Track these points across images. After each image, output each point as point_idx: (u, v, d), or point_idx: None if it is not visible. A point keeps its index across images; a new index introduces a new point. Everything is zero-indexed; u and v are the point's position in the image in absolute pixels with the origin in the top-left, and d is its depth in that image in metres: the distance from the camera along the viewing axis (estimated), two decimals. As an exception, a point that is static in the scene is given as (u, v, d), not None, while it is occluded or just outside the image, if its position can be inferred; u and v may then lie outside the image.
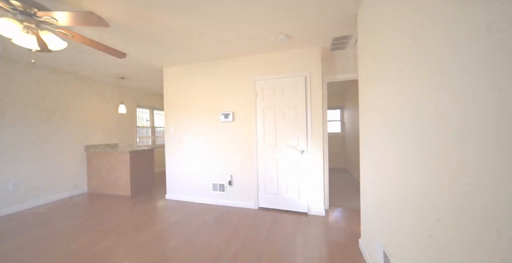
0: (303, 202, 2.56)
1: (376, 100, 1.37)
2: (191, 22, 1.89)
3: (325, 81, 2.69)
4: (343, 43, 2.40)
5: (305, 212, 2.57)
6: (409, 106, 0.94)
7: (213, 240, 1.97)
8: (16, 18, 1.27)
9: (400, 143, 1.04)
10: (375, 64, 1.36)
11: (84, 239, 2.03)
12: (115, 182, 3.47)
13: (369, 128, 1.54)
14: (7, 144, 2.72)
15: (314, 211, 2.52)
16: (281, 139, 2.65)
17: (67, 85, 3.41)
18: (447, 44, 0.67)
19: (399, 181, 1.05)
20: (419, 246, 0.87)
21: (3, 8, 1.23)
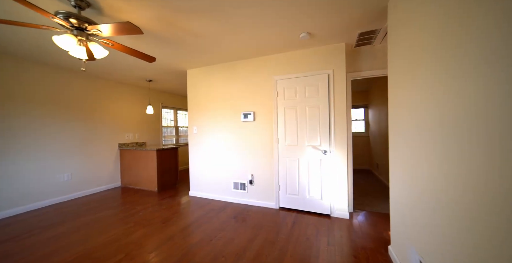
0: (325, 204, 2.49)
1: (410, 99, 1.27)
2: (215, 26, 1.95)
3: (349, 79, 2.58)
4: (370, 38, 2.27)
5: (328, 214, 2.49)
6: (446, 106, 0.86)
7: (235, 238, 2.01)
8: (73, 34, 1.44)
9: (436, 144, 0.95)
10: (409, 60, 1.26)
11: (120, 228, 2.22)
12: (144, 178, 3.72)
13: (400, 129, 1.44)
14: (62, 143, 3.11)
15: (337, 213, 2.44)
16: (303, 139, 2.60)
17: (103, 89, 3.74)
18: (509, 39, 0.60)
19: (436, 184, 0.97)
20: (462, 258, 0.79)
21: (64, 26, 1.41)
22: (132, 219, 2.46)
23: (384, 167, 3.89)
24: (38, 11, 1.26)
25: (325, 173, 2.49)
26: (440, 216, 0.96)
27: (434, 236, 1.03)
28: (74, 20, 1.40)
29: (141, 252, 1.78)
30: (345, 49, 2.39)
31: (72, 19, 1.39)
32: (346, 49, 2.47)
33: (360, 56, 2.56)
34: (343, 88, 2.38)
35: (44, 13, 1.26)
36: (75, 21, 1.41)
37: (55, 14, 1.37)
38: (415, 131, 1.22)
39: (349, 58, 2.60)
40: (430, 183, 1.05)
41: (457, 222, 0.83)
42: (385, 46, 2.44)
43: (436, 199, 0.99)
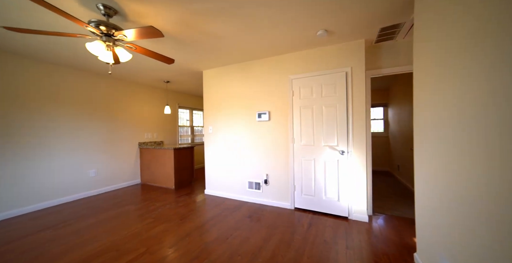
0: (343, 206, 2.42)
1: (439, 97, 1.19)
2: (231, 27, 1.97)
3: (369, 77, 2.47)
4: (392, 33, 2.16)
5: (345, 216, 2.42)
6: (478, 106, 0.79)
7: (250, 237, 2.02)
8: (102, 40, 1.54)
9: (466, 144, 0.88)
10: (439, 56, 1.18)
11: (141, 223, 2.33)
12: (162, 176, 3.87)
13: (427, 129, 1.35)
14: (90, 141, 3.34)
15: (355, 216, 2.35)
16: (319, 139, 2.54)
17: (124, 91, 3.95)
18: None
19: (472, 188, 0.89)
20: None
21: (95, 34, 1.51)
22: (152, 215, 2.57)
23: (406, 169, 3.69)
24: (76, 22, 1.37)
25: (343, 174, 2.42)
26: (475, 222, 0.89)
27: (467, 243, 0.95)
28: (104, 27, 1.50)
29: (161, 247, 1.85)
30: (365, 45, 2.30)
31: (101, 27, 1.49)
32: (365, 45, 2.37)
33: (380, 52, 2.45)
34: (362, 86, 2.29)
35: (80, 22, 1.37)
36: (104, 28, 1.50)
37: (88, 23, 1.47)
38: (446, 132, 1.13)
39: (369, 55, 2.50)
40: (465, 186, 0.97)
41: (495, 228, 0.76)
42: (409, 40, 2.31)
43: (471, 204, 0.92)
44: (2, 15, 1.73)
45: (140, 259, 1.68)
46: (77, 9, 1.62)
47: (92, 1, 1.53)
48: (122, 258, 1.69)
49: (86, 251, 1.80)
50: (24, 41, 2.23)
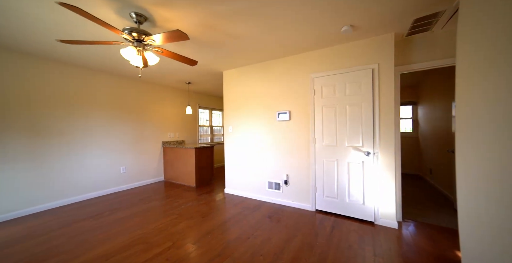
0: (368, 210, 2.29)
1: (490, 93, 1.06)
2: (252, 27, 1.97)
3: (398, 73, 2.31)
4: (428, 24, 1.97)
5: (371, 221, 2.29)
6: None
7: (271, 237, 2.01)
8: (134, 45, 1.66)
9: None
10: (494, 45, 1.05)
11: (166, 218, 2.45)
12: (184, 174, 4.03)
13: (475, 129, 1.21)
14: (120, 141, 3.61)
15: (382, 221, 2.22)
16: (342, 139, 2.44)
17: (150, 93, 4.19)
18: None
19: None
20: None
21: (128, 40, 1.63)
22: (176, 211, 2.68)
23: (441, 173, 3.38)
24: (113, 30, 1.48)
25: (368, 176, 2.29)
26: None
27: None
28: (135, 33, 1.60)
29: (185, 243, 1.92)
30: (394, 39, 2.15)
31: (133, 33, 1.59)
32: (394, 39, 2.22)
33: (412, 46, 2.27)
34: (391, 83, 2.15)
35: (116, 30, 1.48)
36: (136, 34, 1.61)
37: (123, 30, 1.59)
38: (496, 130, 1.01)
39: (398, 49, 2.34)
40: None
41: None
42: (449, 31, 2.09)
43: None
44: (56, 30, 1.95)
45: (167, 252, 1.77)
46: (113, 18, 1.75)
47: (126, 10, 1.64)
48: (151, 251, 1.79)
49: (120, 241, 1.94)
50: (68, 51, 2.47)
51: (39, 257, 1.74)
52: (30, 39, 2.18)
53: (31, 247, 1.89)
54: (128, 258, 1.69)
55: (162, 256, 1.71)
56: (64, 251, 1.82)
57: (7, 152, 2.48)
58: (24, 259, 1.71)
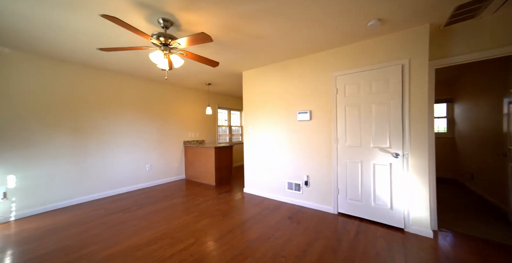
0: (397, 215, 2.14)
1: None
2: (274, 26, 1.96)
3: (433, 68, 2.12)
4: (475, 10, 1.74)
5: (401, 228, 2.13)
6: None
7: (292, 239, 1.98)
8: (161, 49, 1.75)
9: None
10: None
11: (189, 215, 2.54)
12: (204, 173, 4.16)
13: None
14: (146, 140, 3.85)
15: (414, 229, 2.05)
16: (367, 140, 2.32)
17: (172, 94, 4.39)
18: None
19: None
20: None
21: (155, 44, 1.74)
22: (197, 209, 2.78)
23: (487, 178, 3.02)
24: (144, 36, 1.59)
25: (397, 179, 2.14)
26: None
27: None
28: (163, 38, 1.69)
29: (208, 240, 1.98)
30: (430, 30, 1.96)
31: (161, 38, 1.69)
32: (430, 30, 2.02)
33: (451, 36, 2.05)
34: (424, 79, 1.98)
35: (146, 36, 1.58)
36: (163, 39, 1.70)
37: (151, 36, 1.69)
38: None
39: (432, 42, 2.14)
40: None
41: None
42: (503, 16, 1.81)
43: None
44: (94, 40, 2.16)
45: (191, 248, 1.83)
46: (143, 25, 1.87)
47: (154, 17, 1.74)
48: (176, 246, 1.88)
49: (149, 235, 2.07)
50: (102, 58, 2.71)
51: (82, 243, 1.94)
52: (72, 49, 2.43)
53: (75, 234, 2.10)
54: (157, 251, 1.79)
55: (186, 252, 1.78)
56: (102, 239, 2.00)
57: (54, 148, 2.80)
58: (70, 244, 1.92)
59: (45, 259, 1.72)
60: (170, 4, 1.58)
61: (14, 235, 2.12)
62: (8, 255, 1.79)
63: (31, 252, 1.82)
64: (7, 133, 2.47)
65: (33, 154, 2.65)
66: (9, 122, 2.48)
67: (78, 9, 1.65)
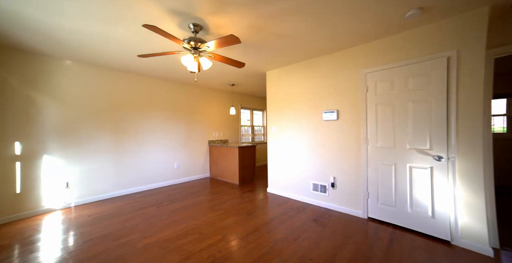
0: (440, 225, 1.94)
1: None
2: (302, 24, 1.92)
3: (492, 57, 1.85)
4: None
5: (446, 240, 1.92)
6: None
7: (319, 242, 1.92)
8: (191, 53, 1.85)
9: None
10: None
11: (215, 213, 2.63)
12: (227, 171, 4.26)
13: None
14: (175, 139, 4.09)
15: (465, 243, 1.82)
16: (402, 140, 2.14)
17: (198, 95, 4.59)
18: None
19: None
20: None
21: (186, 48, 1.84)
22: (222, 206, 2.86)
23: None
24: (176, 41, 1.69)
25: (440, 185, 1.94)
26: None
27: None
28: (193, 42, 1.78)
29: (234, 237, 2.02)
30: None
31: (191, 42, 1.77)
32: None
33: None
34: (479, 72, 1.74)
35: (178, 41, 1.67)
36: (193, 42, 1.78)
37: (183, 40, 1.78)
38: None
39: (491, 27, 1.87)
40: None
41: None
42: None
43: None
44: (132, 47, 2.37)
45: (218, 245, 1.90)
46: (175, 31, 1.99)
47: (185, 23, 1.84)
48: (205, 241, 1.96)
49: (179, 229, 2.19)
50: (138, 64, 2.95)
51: (124, 232, 2.14)
52: (116, 57, 2.71)
53: (118, 223, 2.34)
54: (187, 245, 1.89)
55: (214, 248, 1.84)
56: (140, 230, 2.18)
57: (99, 146, 3.13)
58: (113, 233, 2.13)
59: (97, 242, 1.96)
60: (201, 9, 1.65)
61: (74, 219, 2.48)
62: (72, 235, 2.10)
63: (86, 235, 2.09)
64: (67, 132, 2.86)
65: (85, 150, 3.01)
66: (68, 123, 2.87)
67: (121, 21, 1.82)
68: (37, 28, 1.95)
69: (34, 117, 2.61)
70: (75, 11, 1.68)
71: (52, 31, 2.02)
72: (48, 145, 2.71)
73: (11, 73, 2.45)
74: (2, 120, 2.39)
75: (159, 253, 1.77)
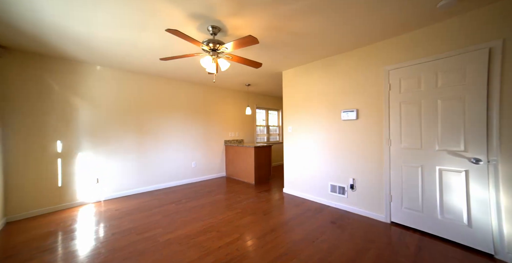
0: (479, 236, 1.76)
1: None
2: (320, 21, 1.87)
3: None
4: None
5: (488, 253, 1.72)
6: None
7: (339, 245, 1.86)
8: (210, 54, 1.90)
9: None
10: None
11: (231, 211, 2.67)
12: (243, 171, 4.30)
13: None
14: (192, 139, 4.24)
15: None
16: (431, 141, 2.00)
17: (214, 96, 4.69)
18: None
19: None
20: None
21: (205, 50, 1.89)
22: (239, 206, 2.89)
23: None
24: (196, 44, 1.75)
25: (478, 190, 1.77)
26: None
27: None
28: (212, 44, 1.82)
29: (252, 237, 2.04)
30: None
31: (210, 44, 1.82)
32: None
33: None
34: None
35: (198, 43, 1.73)
36: (212, 44, 1.83)
37: (202, 42, 1.84)
38: None
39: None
40: None
41: None
42: None
43: None
44: (154, 52, 2.50)
45: (236, 243, 1.92)
46: (194, 34, 2.06)
47: (205, 26, 1.89)
48: (223, 239, 1.99)
49: (197, 226, 2.26)
50: (159, 67, 3.10)
51: (148, 226, 2.27)
52: (140, 61, 2.87)
53: (141, 218, 2.48)
54: (206, 242, 1.95)
55: (232, 246, 1.87)
56: (161, 226, 2.29)
57: (124, 145, 3.35)
58: (138, 227, 2.26)
59: (125, 235, 2.10)
60: (221, 11, 1.69)
61: (103, 213, 2.68)
62: (102, 227, 2.28)
63: (115, 228, 2.25)
64: (97, 132, 3.10)
65: (112, 149, 3.23)
66: (98, 124, 3.11)
67: (146, 28, 1.93)
68: (77, 38, 2.17)
69: (71, 118, 2.88)
70: (107, 21, 1.82)
71: (87, 40, 2.22)
72: (82, 144, 2.96)
73: (54, 79, 2.75)
74: (49, 121, 2.70)
75: (180, 248, 1.84)
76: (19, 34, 2.07)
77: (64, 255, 1.78)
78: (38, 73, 2.63)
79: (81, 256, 1.75)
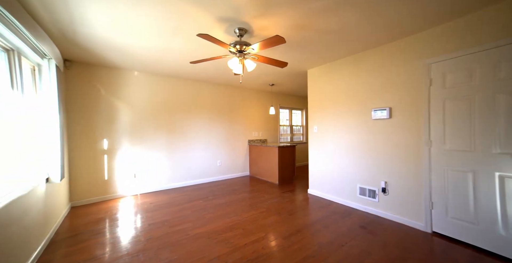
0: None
1: None
2: (349, 16, 1.78)
3: None
4: None
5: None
6: None
7: (371, 252, 1.75)
8: (237, 56, 1.95)
9: None
10: None
11: (256, 210, 2.70)
12: (267, 171, 4.31)
13: None
14: (217, 138, 4.40)
15: None
16: (486, 142, 1.75)
17: (238, 96, 4.78)
18: None
19: None
20: None
21: (232, 52, 1.95)
22: (263, 205, 2.90)
23: None
24: (224, 46, 1.81)
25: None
26: None
27: None
28: (238, 45, 1.86)
29: (277, 236, 2.03)
30: None
31: (237, 45, 1.86)
32: None
33: None
34: None
35: (226, 46, 1.79)
36: (238, 46, 1.87)
37: (229, 44, 1.90)
38: None
39: None
40: None
41: None
42: None
43: None
44: (183, 55, 2.66)
45: (262, 242, 1.94)
46: (222, 36, 2.13)
47: (231, 28, 1.94)
48: (248, 237, 2.03)
49: (223, 223, 2.34)
50: (187, 70, 3.29)
51: (178, 220, 2.42)
52: (171, 65, 3.08)
53: (173, 212, 2.66)
54: (233, 238, 2.01)
55: (258, 244, 1.90)
56: (191, 220, 2.42)
57: (157, 144, 3.63)
58: (170, 220, 2.43)
59: (158, 226, 2.28)
60: (248, 13, 1.72)
61: (140, 205, 2.95)
62: (139, 218, 2.51)
63: (150, 219, 2.46)
64: (134, 131, 3.42)
65: (147, 146, 3.54)
66: (136, 124, 3.43)
67: (177, 34, 2.07)
68: (118, 47, 2.43)
69: (114, 119, 3.24)
70: (144, 29, 2.00)
71: (127, 48, 2.46)
72: (122, 142, 3.30)
73: (102, 84, 3.13)
74: (98, 122, 3.11)
75: (208, 243, 1.93)
76: (78, 48, 2.44)
77: (112, 239, 2.02)
78: (91, 79, 3.05)
79: (125, 242, 1.96)
